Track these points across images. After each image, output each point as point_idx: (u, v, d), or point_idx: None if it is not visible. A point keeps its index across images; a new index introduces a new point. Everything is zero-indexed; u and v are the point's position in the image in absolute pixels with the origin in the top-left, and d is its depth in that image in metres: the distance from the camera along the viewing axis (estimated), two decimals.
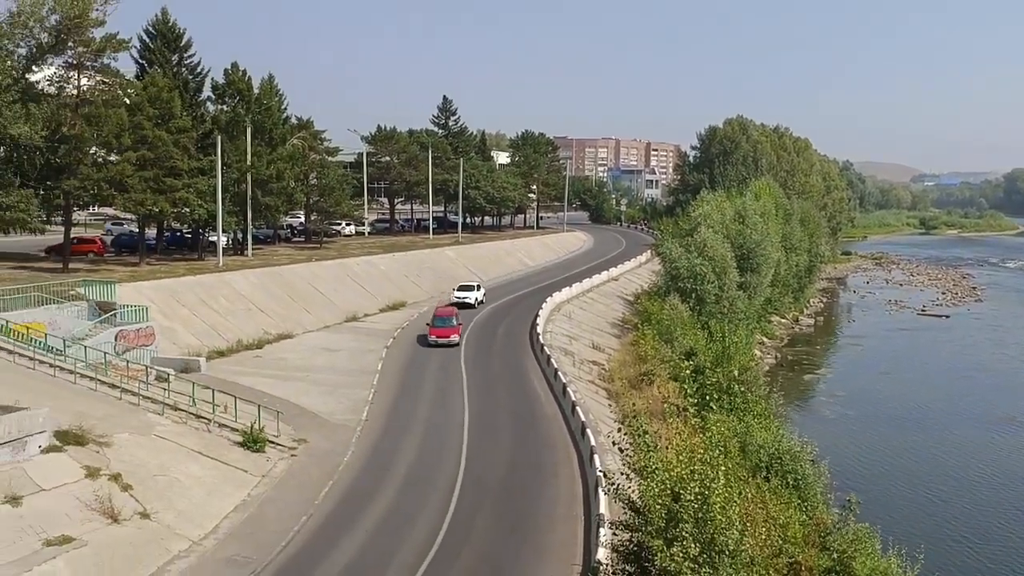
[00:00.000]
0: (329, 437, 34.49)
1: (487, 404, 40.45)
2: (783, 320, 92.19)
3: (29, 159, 53.71)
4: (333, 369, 45.47)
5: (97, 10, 53.18)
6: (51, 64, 55.98)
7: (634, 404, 38.57)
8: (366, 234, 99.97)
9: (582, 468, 31.86)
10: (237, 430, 31.88)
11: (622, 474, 21.32)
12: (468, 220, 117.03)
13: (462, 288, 67.81)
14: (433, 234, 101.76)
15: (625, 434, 22.76)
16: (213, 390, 33.54)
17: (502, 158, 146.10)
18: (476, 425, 36.94)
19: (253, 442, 31.17)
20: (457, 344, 51.46)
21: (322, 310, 58.86)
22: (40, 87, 55.74)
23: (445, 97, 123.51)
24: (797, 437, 40.15)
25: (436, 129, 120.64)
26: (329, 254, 73.85)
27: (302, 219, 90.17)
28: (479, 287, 69.17)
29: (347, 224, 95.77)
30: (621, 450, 22.29)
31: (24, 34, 53.61)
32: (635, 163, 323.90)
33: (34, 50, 54.51)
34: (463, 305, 62.48)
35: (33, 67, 55.23)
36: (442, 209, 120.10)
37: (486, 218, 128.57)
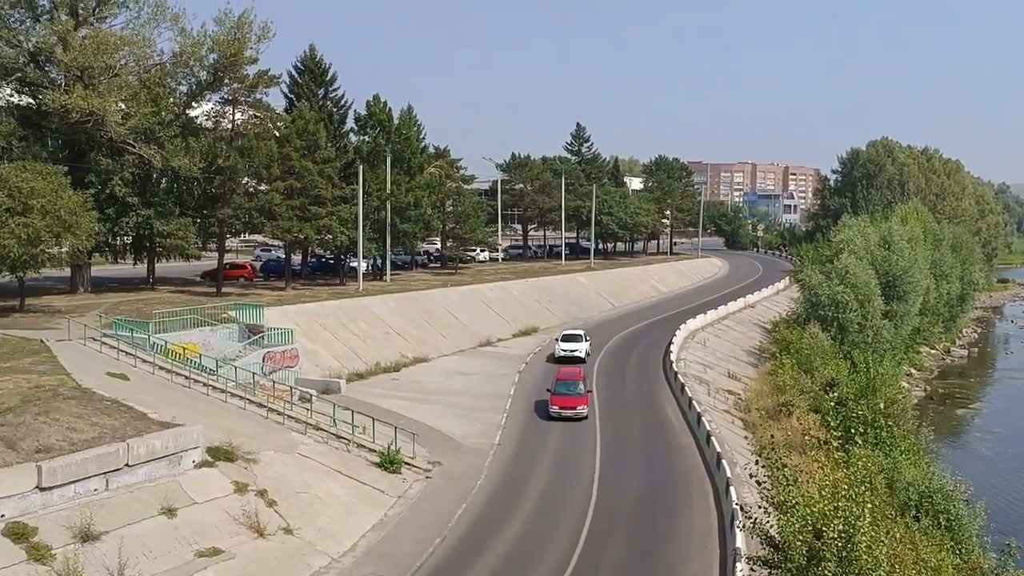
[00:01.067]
0: (463, 460, 34.96)
1: (619, 431, 40.12)
2: (933, 351, 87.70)
3: (188, 189, 57.28)
4: (467, 393, 46.14)
5: (251, 48, 56.38)
6: (209, 100, 59.74)
7: (772, 435, 37.39)
8: (499, 260, 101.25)
9: (717, 500, 31.10)
10: (375, 451, 32.75)
11: (760, 508, 20.70)
12: (600, 246, 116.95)
13: (567, 338, 56.59)
14: (565, 260, 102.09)
15: (763, 466, 22.12)
16: (352, 411, 34.57)
17: (635, 184, 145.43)
18: (608, 452, 36.68)
19: (390, 463, 31.94)
20: (585, 417, 41.50)
21: (456, 334, 59.91)
22: (199, 122, 59.51)
23: (578, 124, 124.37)
24: (950, 475, 37.97)
25: (569, 156, 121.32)
26: (464, 280, 75.19)
27: (438, 245, 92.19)
28: (586, 337, 57.68)
29: (481, 250, 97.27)
30: (759, 483, 21.63)
31: (185, 73, 57.44)
32: (772, 187, 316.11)
33: (194, 87, 58.29)
34: (568, 359, 53.34)
35: (193, 103, 58.99)
36: (575, 235, 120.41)
37: (618, 244, 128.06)
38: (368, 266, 71.54)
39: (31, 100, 52.89)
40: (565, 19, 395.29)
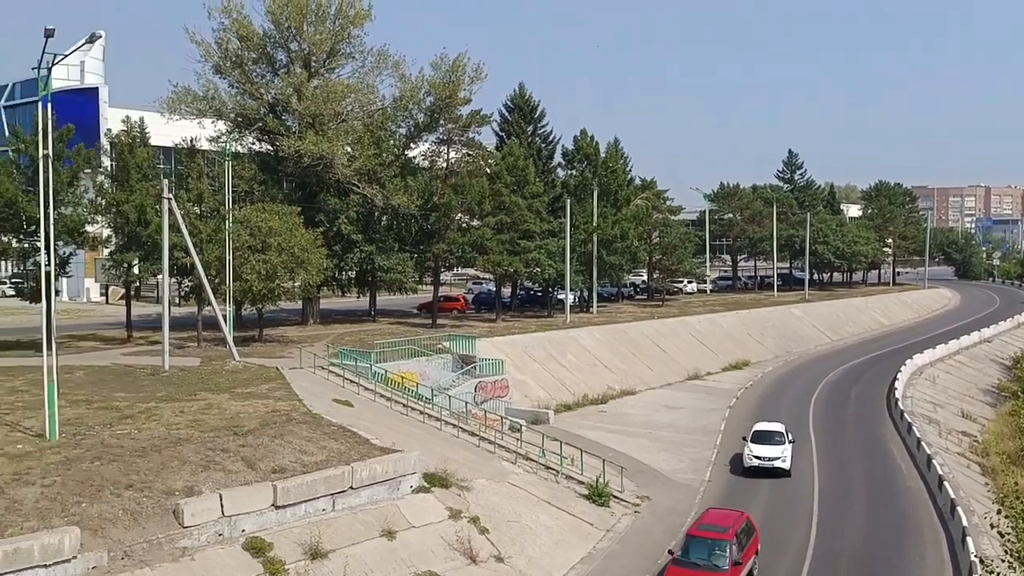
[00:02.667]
0: (672, 496, 34.32)
1: (838, 470, 38.01)
2: None
3: (406, 226, 60.35)
4: (675, 427, 45.36)
5: (465, 90, 58.85)
6: (425, 141, 62.80)
7: (1016, 483, 34.12)
8: (708, 291, 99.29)
9: (952, 551, 28.67)
10: (583, 483, 32.81)
11: (1003, 562, 18.91)
12: (815, 277, 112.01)
13: (759, 437, 37.76)
14: (778, 291, 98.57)
15: (1006, 516, 20.22)
16: (561, 442, 34.85)
17: (853, 211, 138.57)
18: (827, 493, 34.79)
19: (598, 496, 31.88)
20: None
21: (663, 367, 59.16)
22: (416, 162, 62.73)
23: (790, 151, 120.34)
24: None
25: (781, 183, 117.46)
26: (671, 312, 74.27)
27: (644, 277, 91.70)
28: (789, 436, 38.12)
29: (689, 282, 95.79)
30: (1001, 534, 19.80)
31: (404, 116, 60.79)
32: (1009, 212, 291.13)
33: (412, 129, 61.51)
34: (760, 471, 36.67)
35: (411, 144, 62.28)
36: (787, 265, 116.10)
37: (835, 274, 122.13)
38: (575, 298, 72.21)
39: (269, 147, 57.78)
40: (774, 45, 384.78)
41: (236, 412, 30.10)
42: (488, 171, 62.58)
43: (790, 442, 38.02)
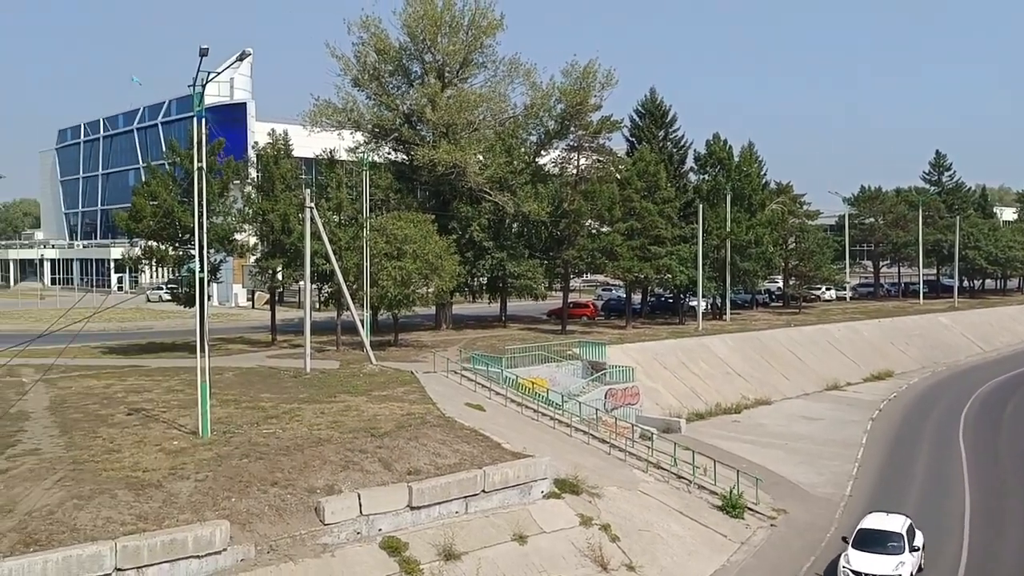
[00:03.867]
0: (810, 510, 33.19)
1: (992, 491, 35.73)
2: None
3: (536, 233, 60.79)
4: (812, 439, 43.85)
5: (595, 96, 58.84)
6: (556, 148, 63.12)
7: None
8: (847, 299, 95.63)
9: None
10: (716, 493, 32.16)
11: None
12: (965, 283, 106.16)
13: (865, 540, 26.67)
14: (924, 299, 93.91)
15: None
16: (693, 452, 34.26)
17: (1007, 214, 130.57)
18: (980, 513, 32.77)
19: (732, 507, 31.18)
20: None
21: (800, 377, 57.34)
22: (547, 169, 63.10)
23: (937, 152, 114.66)
24: None
25: (927, 186, 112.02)
26: (808, 319, 71.90)
27: (780, 284, 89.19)
28: (913, 539, 26.89)
29: (827, 288, 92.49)
30: None
31: (535, 123, 61.32)
32: None
33: (543, 137, 61.95)
34: None
35: (541, 152, 62.72)
36: (934, 272, 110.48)
37: (987, 281, 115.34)
38: (707, 305, 70.92)
39: (405, 156, 59.36)
40: (915, 43, 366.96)
41: (373, 414, 31.02)
42: (618, 177, 62.30)
43: (913, 549, 26.31)
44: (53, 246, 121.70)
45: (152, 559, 19.30)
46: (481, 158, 56.56)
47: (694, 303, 66.90)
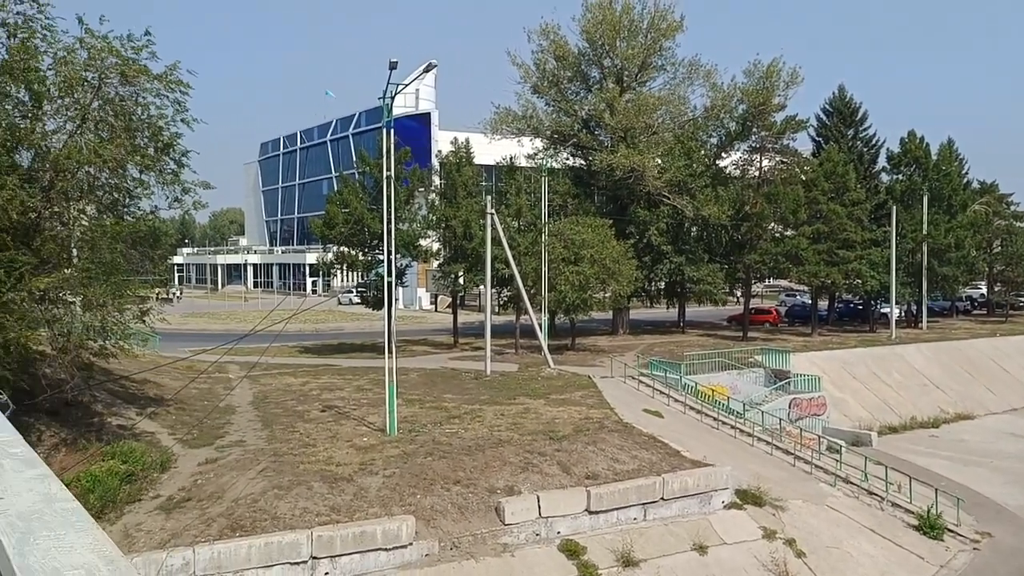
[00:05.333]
0: (1018, 534, 30.67)
1: None
2: None
3: (716, 237, 59.51)
4: (1021, 458, 40.56)
5: (779, 96, 57.04)
6: (737, 149, 61.59)
7: None
8: None
9: None
10: (911, 512, 30.33)
11: None
12: None
13: None
14: None
15: None
16: (886, 467, 32.47)
17: None
18: None
19: (930, 527, 29.30)
20: None
21: (1007, 390, 53.15)
22: (727, 171, 61.67)
23: None
24: None
25: None
26: (1016, 329, 66.53)
27: (983, 290, 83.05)
28: None
29: None
30: None
31: (716, 125, 60.10)
32: None
33: (723, 138, 60.64)
34: None
35: (722, 154, 61.38)
36: None
37: None
38: (901, 312, 67.03)
39: (583, 161, 59.65)
40: None
41: (552, 417, 31.34)
42: (804, 178, 60.00)
43: None
44: (255, 252, 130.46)
45: (344, 549, 20.33)
46: (660, 161, 55.99)
47: (886, 310, 63.37)
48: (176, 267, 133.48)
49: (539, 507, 23.67)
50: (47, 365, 26.19)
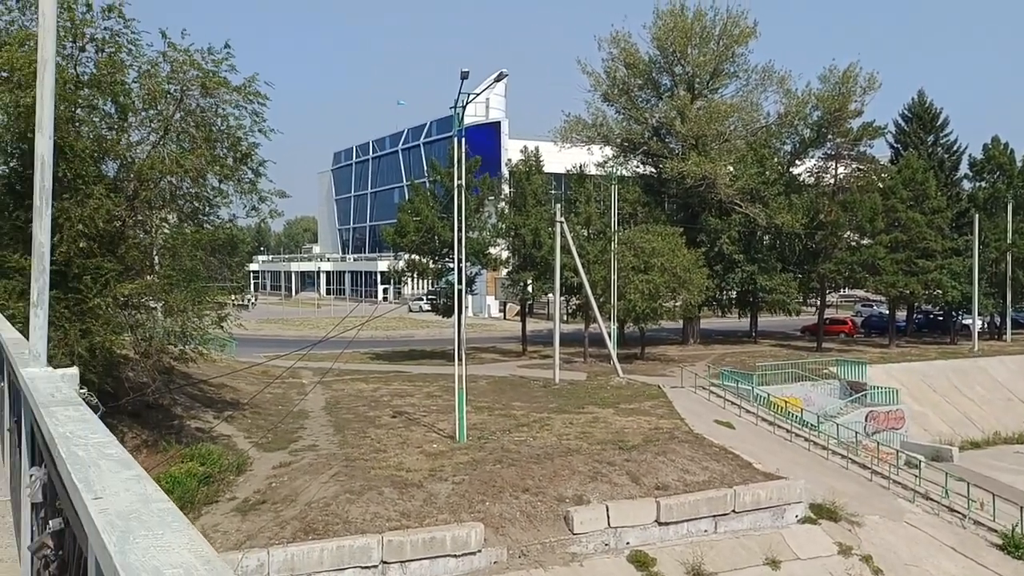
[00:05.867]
0: None
1: None
2: None
3: (790, 245, 58.51)
4: None
5: (856, 102, 55.88)
6: (811, 156, 60.48)
7: None
8: None
9: None
10: (995, 531, 29.26)
11: None
12: None
13: None
14: None
15: None
16: (968, 483, 31.41)
17: None
18: None
19: (1015, 547, 28.21)
20: None
21: None
22: (801, 179, 60.59)
23: None
24: None
25: None
26: None
27: None
28: None
29: None
30: None
31: (789, 132, 59.15)
32: None
33: (797, 145, 59.63)
34: None
35: (796, 161, 60.35)
36: None
37: None
38: (984, 324, 64.84)
39: (653, 169, 59.29)
40: None
41: (621, 427, 31.14)
42: (881, 186, 58.58)
43: None
44: (328, 259, 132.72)
45: (414, 555, 20.52)
46: (732, 169, 55.29)
47: (967, 321, 61.38)
48: (252, 274, 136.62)
49: (608, 517, 23.54)
50: (130, 369, 27.05)
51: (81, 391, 4.57)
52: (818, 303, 60.85)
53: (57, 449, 2.73)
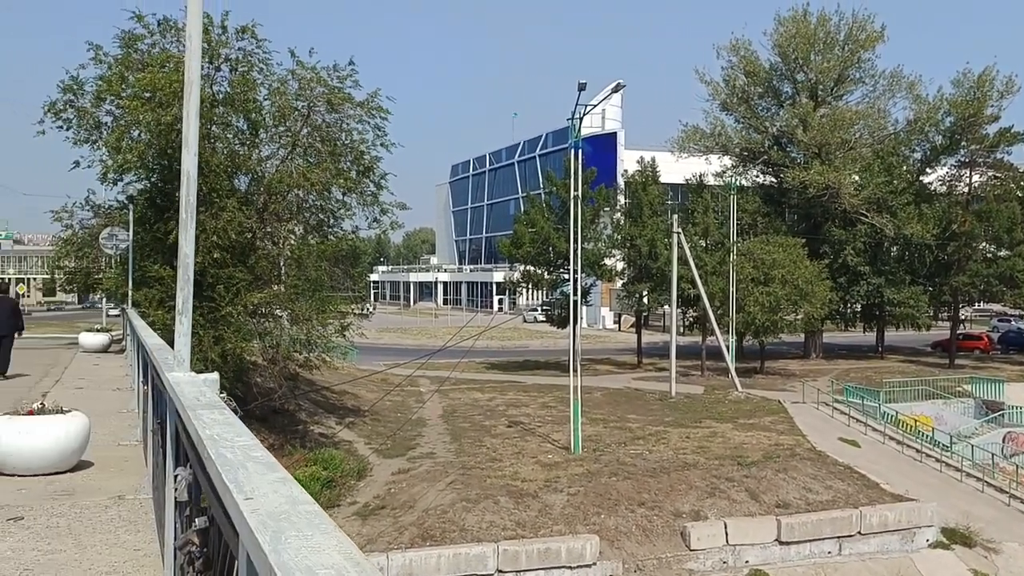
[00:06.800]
0: None
1: None
2: None
3: (919, 257, 56.01)
4: None
5: (992, 107, 53.18)
6: (943, 164, 57.83)
7: None
8: None
9: None
10: None
11: None
12: None
13: None
14: None
15: None
16: None
17: None
18: None
19: None
20: None
21: None
22: (932, 188, 57.99)
23: None
24: None
25: None
26: None
27: None
28: None
29: None
30: None
31: (919, 139, 56.72)
32: None
33: (928, 153, 57.14)
34: None
35: (927, 169, 57.82)
36: None
37: None
38: None
39: (773, 179, 57.86)
40: None
41: (739, 442, 30.46)
42: (1020, 195, 55.49)
43: None
44: (445, 270, 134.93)
45: (529, 565, 20.58)
46: (857, 178, 53.40)
47: None
48: (372, 284, 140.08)
49: (726, 534, 23.05)
50: (258, 375, 28.16)
51: (221, 395, 4.79)
52: (950, 317, 58.02)
53: (206, 451, 2.86)
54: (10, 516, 7.22)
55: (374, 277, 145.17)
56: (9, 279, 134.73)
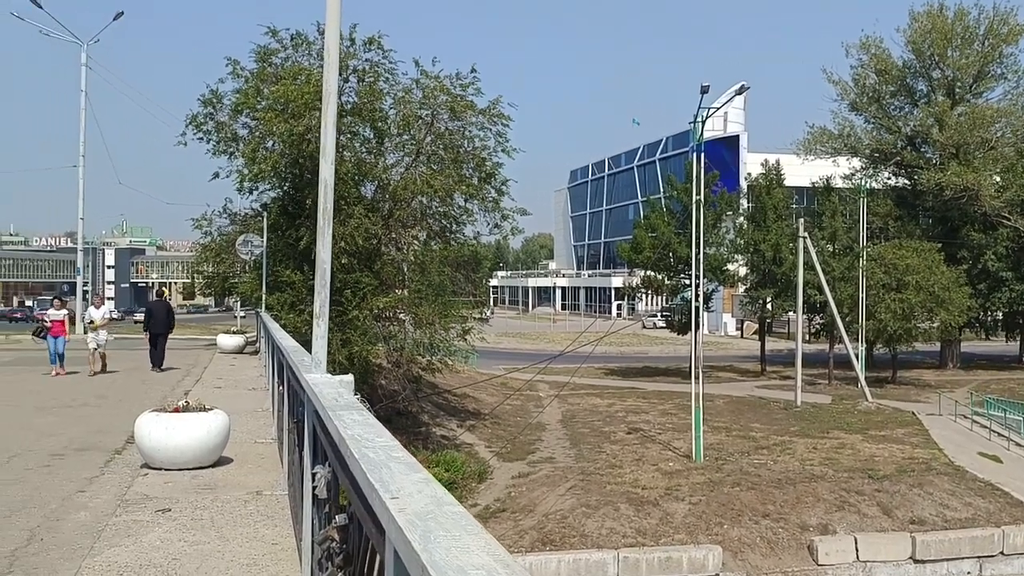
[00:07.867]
0: None
1: None
2: None
3: None
4: None
5: None
6: None
7: None
8: None
9: None
10: None
11: None
12: None
13: None
14: None
15: None
16: None
17: None
18: None
19: None
20: None
21: None
22: None
23: None
24: None
25: None
26: None
27: None
28: None
29: None
30: None
31: None
32: None
33: None
34: None
35: None
36: None
37: None
38: None
39: (906, 181, 55.48)
40: None
41: (870, 454, 29.29)
42: None
43: None
44: (563, 275, 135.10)
45: (649, 573, 20.36)
46: (998, 179, 50.65)
47: None
48: (492, 289, 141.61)
49: (856, 549, 22.21)
50: (383, 377, 28.88)
51: (355, 396, 4.94)
52: None
53: (348, 450, 2.95)
54: (159, 508, 7.64)
55: (493, 282, 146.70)
56: (153, 283, 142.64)
